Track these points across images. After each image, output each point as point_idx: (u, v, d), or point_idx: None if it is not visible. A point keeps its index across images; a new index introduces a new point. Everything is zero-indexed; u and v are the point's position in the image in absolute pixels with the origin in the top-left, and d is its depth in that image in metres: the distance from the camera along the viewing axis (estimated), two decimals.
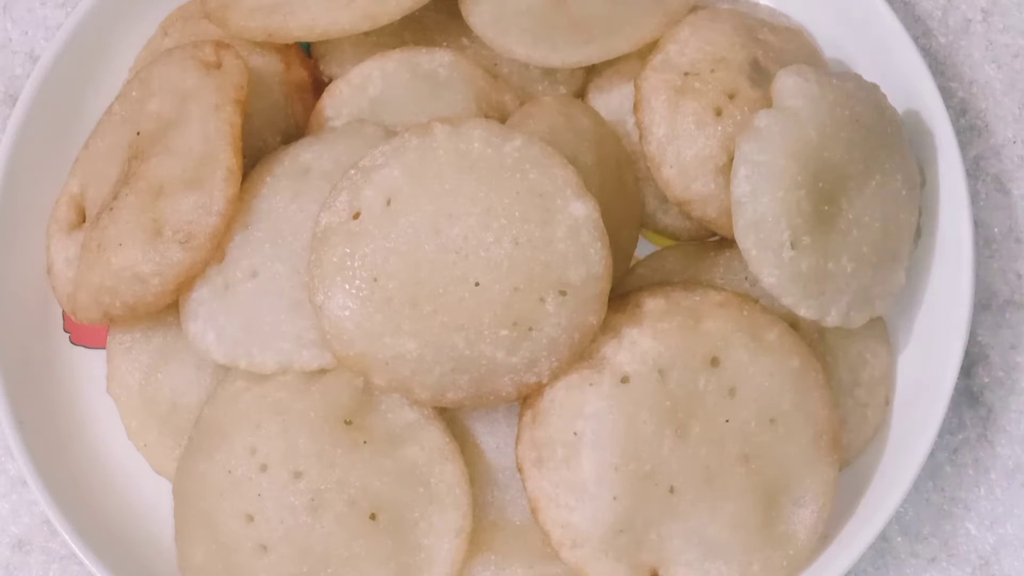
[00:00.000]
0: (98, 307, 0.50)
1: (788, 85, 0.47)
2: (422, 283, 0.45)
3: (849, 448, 0.51)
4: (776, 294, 0.47)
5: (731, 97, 0.49)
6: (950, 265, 0.51)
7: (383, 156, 0.46)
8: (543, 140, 0.46)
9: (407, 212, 0.46)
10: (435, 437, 0.48)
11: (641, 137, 0.50)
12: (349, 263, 0.46)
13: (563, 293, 0.45)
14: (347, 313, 0.45)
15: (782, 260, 0.47)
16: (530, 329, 0.45)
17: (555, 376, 0.46)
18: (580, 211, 0.45)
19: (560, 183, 0.46)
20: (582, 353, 0.46)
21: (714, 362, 0.47)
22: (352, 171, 0.47)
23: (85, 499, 0.52)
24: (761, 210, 0.46)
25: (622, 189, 0.51)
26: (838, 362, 0.51)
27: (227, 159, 0.48)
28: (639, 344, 0.46)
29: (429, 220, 0.45)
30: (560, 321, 0.45)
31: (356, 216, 0.46)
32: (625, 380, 0.46)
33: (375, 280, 0.45)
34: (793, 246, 0.47)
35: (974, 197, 0.57)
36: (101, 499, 0.53)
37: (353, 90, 0.52)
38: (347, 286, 0.45)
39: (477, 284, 0.45)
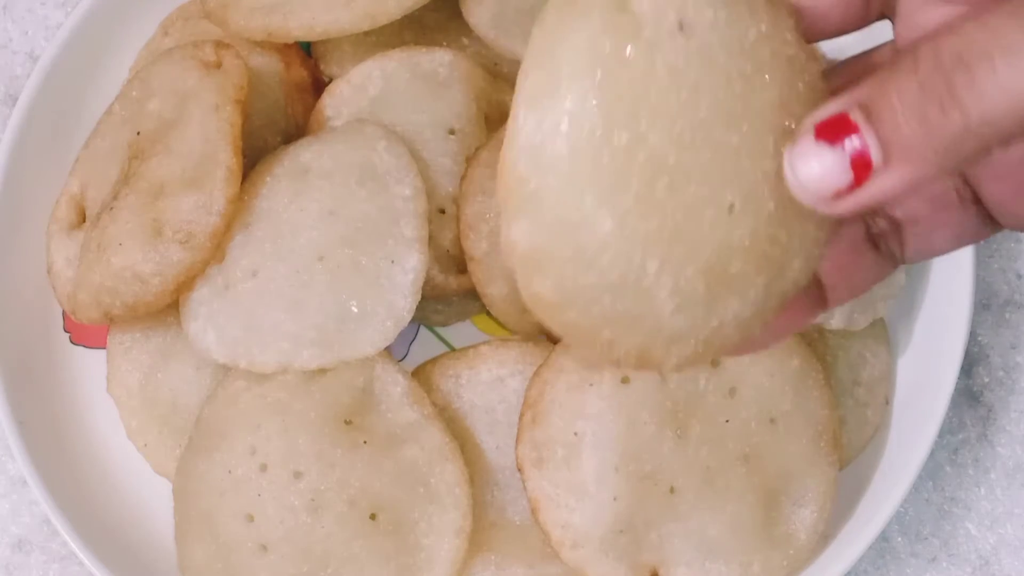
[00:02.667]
0: (98, 307, 0.50)
1: None
2: (674, 163, 0.30)
3: (849, 448, 0.51)
4: None
5: None
6: (950, 265, 0.51)
7: None
8: None
9: (700, 63, 0.30)
10: (435, 437, 0.48)
11: None
12: (611, 65, 0.30)
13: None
14: (560, 131, 0.30)
15: None
16: (716, 299, 0.31)
17: (676, 370, 0.33)
18: None
19: None
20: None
21: (714, 362, 0.47)
22: None
23: (85, 499, 0.52)
24: None
25: None
26: (838, 362, 0.51)
27: (227, 159, 0.48)
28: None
29: (723, 83, 0.30)
30: (743, 311, 0.32)
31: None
32: (625, 381, 0.46)
33: (632, 116, 0.30)
34: None
35: None
36: (101, 499, 0.53)
37: (353, 90, 0.52)
38: (587, 94, 0.30)
39: (731, 209, 0.30)
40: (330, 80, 0.54)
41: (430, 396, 0.49)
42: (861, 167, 0.28)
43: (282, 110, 0.54)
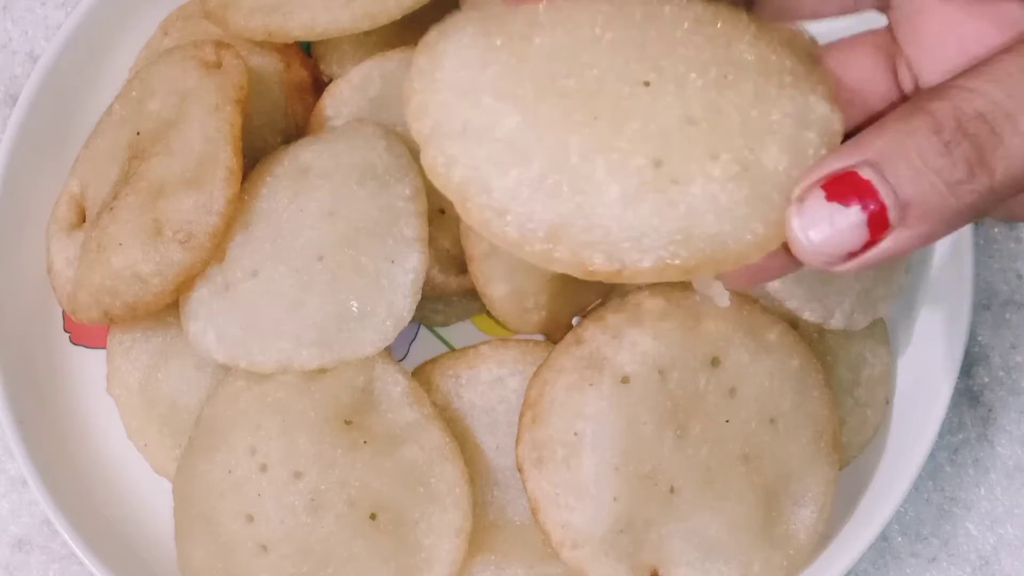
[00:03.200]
0: (98, 307, 0.50)
1: None
2: (576, 56, 0.30)
3: (849, 448, 0.51)
4: (780, 297, 0.47)
5: None
6: (950, 265, 0.51)
7: None
8: None
9: None
10: (435, 437, 0.48)
11: None
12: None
13: (745, 168, 0.30)
14: (452, 54, 0.31)
15: None
16: (672, 181, 0.30)
17: (660, 277, 0.30)
18: None
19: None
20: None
21: (714, 362, 0.47)
22: None
23: (85, 499, 0.52)
24: None
25: None
26: (838, 362, 0.51)
27: (227, 159, 0.48)
28: (639, 344, 0.46)
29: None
30: (718, 195, 0.30)
31: None
32: (625, 380, 0.46)
33: (523, 36, 0.31)
34: None
35: None
36: (101, 499, 0.53)
37: (353, 90, 0.52)
38: (478, 30, 0.31)
39: (646, 84, 0.30)
40: (330, 80, 0.54)
41: (430, 396, 0.49)
42: (877, 228, 0.27)
43: (282, 110, 0.54)
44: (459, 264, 0.51)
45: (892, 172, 0.27)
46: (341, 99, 0.52)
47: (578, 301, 0.51)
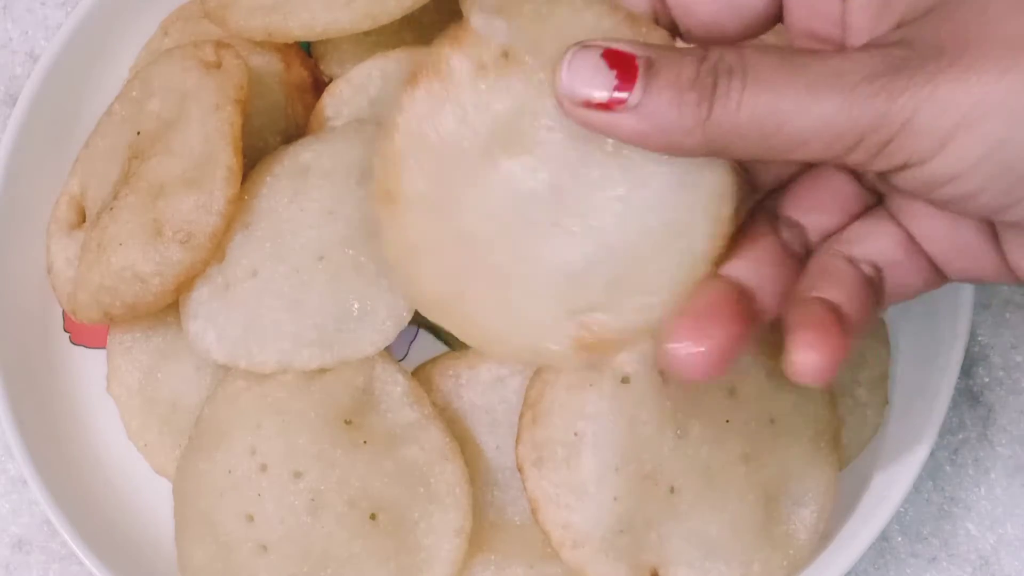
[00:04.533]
0: (98, 307, 0.50)
1: None
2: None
3: (849, 448, 0.51)
4: None
5: None
6: None
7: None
8: None
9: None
10: (435, 437, 0.48)
11: None
12: None
13: None
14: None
15: None
16: None
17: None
18: None
19: None
20: None
21: None
22: None
23: (85, 499, 0.52)
24: None
25: None
26: None
27: (227, 159, 0.48)
28: (639, 344, 0.46)
29: None
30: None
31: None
32: (625, 380, 0.46)
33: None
34: None
35: None
36: (101, 499, 0.53)
37: (353, 90, 0.52)
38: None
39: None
40: (330, 80, 0.54)
41: (430, 396, 0.49)
42: (617, 98, 0.32)
43: (282, 110, 0.54)
44: None
45: (655, 72, 0.32)
46: (341, 99, 0.52)
47: None
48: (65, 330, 0.56)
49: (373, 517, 0.47)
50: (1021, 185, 0.31)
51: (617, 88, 0.32)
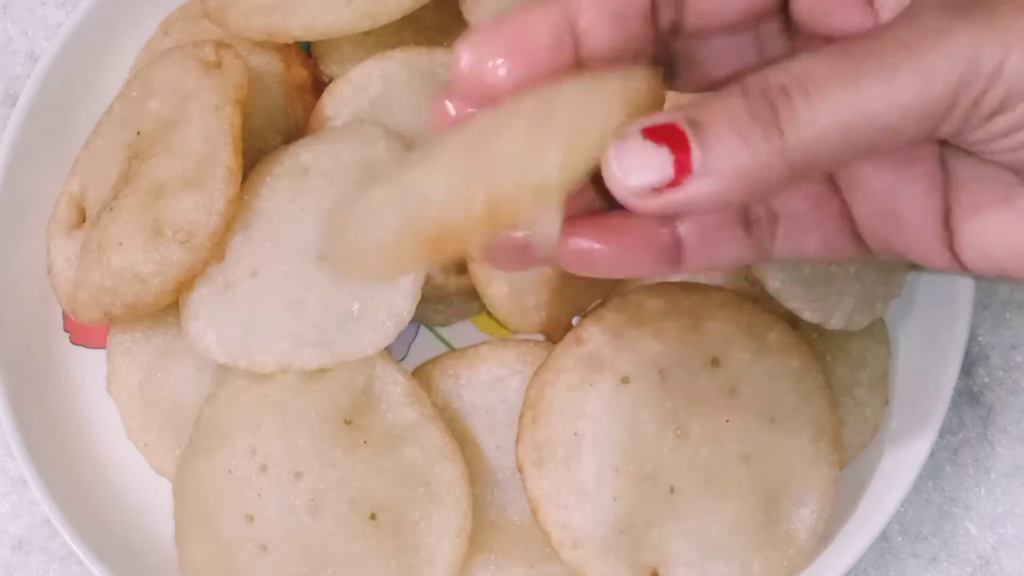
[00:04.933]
0: (98, 307, 0.50)
1: None
2: None
3: (849, 448, 0.51)
4: (780, 298, 0.47)
5: None
6: None
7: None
8: None
9: None
10: (435, 437, 0.48)
11: None
12: None
13: None
14: None
15: (785, 264, 0.47)
16: None
17: None
18: None
19: None
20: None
21: (714, 362, 0.47)
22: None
23: (85, 499, 0.52)
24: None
25: None
26: (838, 362, 0.51)
27: (227, 159, 0.48)
28: (639, 344, 0.46)
29: None
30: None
31: None
32: (625, 380, 0.46)
33: None
34: None
35: None
36: (101, 499, 0.53)
37: (353, 90, 0.52)
38: None
39: None
40: (330, 80, 0.54)
41: (430, 396, 0.49)
42: (681, 169, 0.30)
43: (282, 110, 0.54)
44: (459, 264, 0.51)
45: (703, 126, 0.30)
46: (341, 99, 0.52)
47: (578, 301, 0.51)
48: (65, 330, 0.56)
49: (373, 517, 0.47)
50: None
51: (676, 163, 0.30)
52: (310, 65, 0.55)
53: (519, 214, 0.29)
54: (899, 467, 0.50)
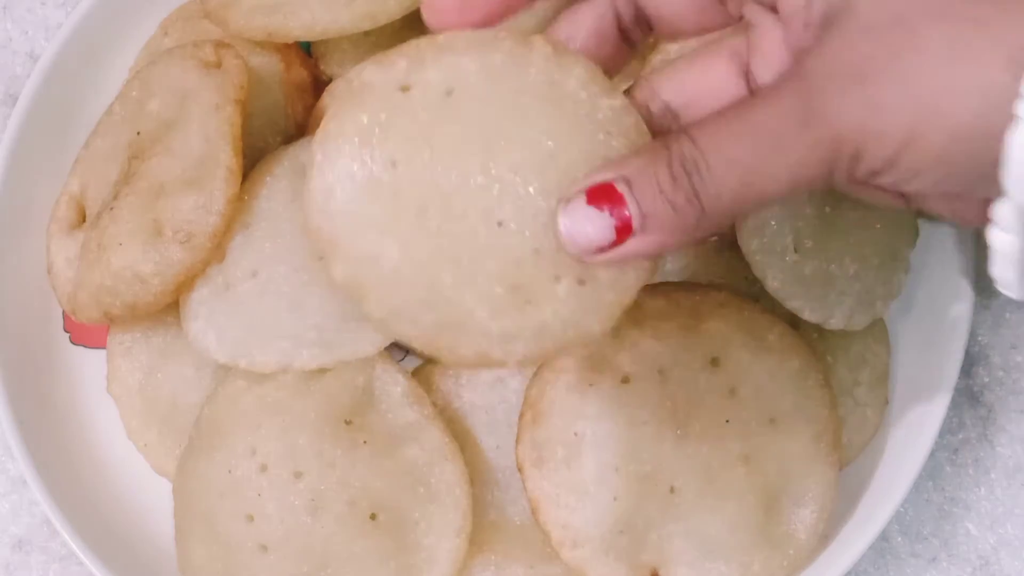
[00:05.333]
0: (98, 307, 0.50)
1: None
2: (441, 195, 0.37)
3: (849, 448, 0.51)
4: (780, 298, 0.47)
5: None
6: (950, 265, 0.51)
7: (466, 43, 0.38)
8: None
9: (465, 113, 0.38)
10: (435, 437, 0.48)
11: None
12: (373, 130, 0.38)
13: (582, 283, 0.38)
14: (341, 188, 0.38)
15: (786, 264, 0.47)
16: (527, 302, 0.38)
17: (521, 366, 0.40)
18: None
19: None
20: (559, 356, 0.42)
21: (714, 362, 0.47)
22: (426, 40, 0.39)
23: (85, 499, 0.52)
24: (764, 214, 0.46)
25: None
26: (838, 362, 0.51)
27: (227, 159, 0.48)
28: (639, 344, 0.46)
29: (485, 132, 0.38)
30: (562, 311, 0.38)
31: (405, 89, 0.38)
32: (625, 380, 0.46)
33: (393, 165, 0.37)
34: (796, 249, 0.47)
35: None
36: (101, 499, 0.53)
37: None
38: (357, 156, 0.38)
39: (499, 225, 0.37)
40: (330, 80, 0.54)
41: (430, 396, 0.49)
42: (623, 231, 0.35)
43: (282, 110, 0.54)
44: None
45: (639, 190, 0.35)
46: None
47: None
48: (65, 330, 0.56)
49: (373, 517, 0.47)
50: (978, 170, 0.33)
51: (618, 227, 0.35)
52: (310, 65, 0.55)
53: None
54: (899, 467, 0.50)
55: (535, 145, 0.38)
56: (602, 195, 0.35)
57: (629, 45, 0.41)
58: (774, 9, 0.39)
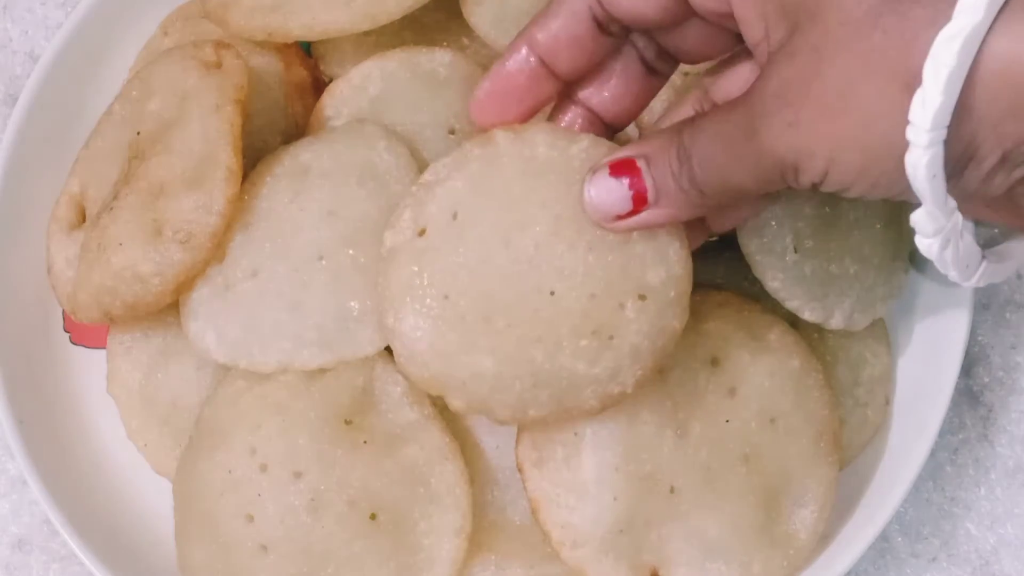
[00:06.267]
0: (98, 307, 0.50)
1: None
2: (494, 297, 0.43)
3: (849, 448, 0.51)
4: (780, 298, 0.47)
5: None
6: None
7: (445, 169, 0.44)
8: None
9: (474, 224, 0.43)
10: (435, 437, 0.48)
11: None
12: (418, 282, 0.44)
13: (643, 297, 0.43)
14: (420, 334, 0.43)
15: (786, 264, 0.47)
16: (611, 337, 0.43)
17: (640, 385, 0.44)
18: None
19: None
20: (666, 357, 0.44)
21: (714, 362, 0.47)
22: (414, 188, 0.45)
23: (85, 499, 0.52)
24: (764, 214, 0.46)
25: None
26: (838, 362, 0.51)
27: (227, 159, 0.48)
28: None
29: (498, 230, 0.43)
30: (642, 327, 0.43)
31: (422, 233, 0.44)
32: None
33: (446, 297, 0.43)
34: (796, 249, 0.47)
35: None
36: (101, 499, 0.53)
37: (353, 90, 0.52)
38: (418, 306, 0.43)
39: (552, 293, 0.43)
40: (330, 80, 0.54)
41: (430, 396, 0.49)
42: (639, 201, 0.41)
43: (282, 110, 0.54)
44: None
45: (655, 167, 0.41)
46: (341, 99, 0.52)
47: None
48: (65, 330, 0.56)
49: (373, 517, 0.47)
50: (899, 183, 0.36)
51: (635, 198, 0.41)
52: (310, 65, 0.55)
53: None
54: (899, 467, 0.50)
55: (540, 217, 0.43)
56: (624, 168, 0.41)
57: (657, 78, 0.45)
58: None
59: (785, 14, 0.37)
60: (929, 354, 0.51)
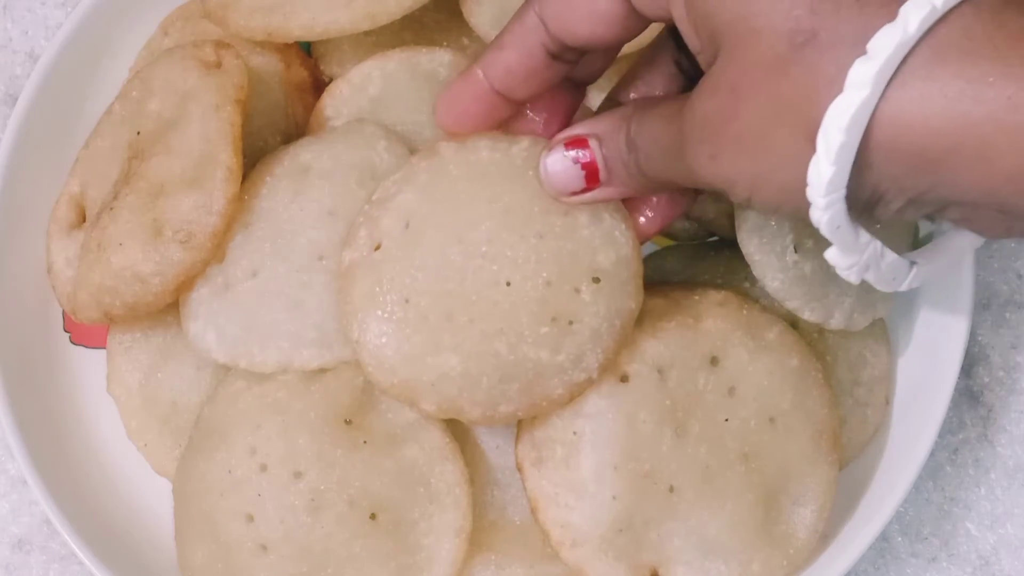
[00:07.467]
0: (98, 307, 0.50)
1: None
2: (454, 293, 0.44)
3: (849, 448, 0.51)
4: (780, 298, 0.47)
5: None
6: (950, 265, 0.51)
7: (395, 185, 0.46)
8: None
9: (427, 230, 0.45)
10: (435, 437, 0.48)
11: None
12: (378, 290, 0.45)
13: (596, 280, 0.44)
14: (384, 340, 0.45)
15: (786, 264, 0.47)
16: (570, 323, 0.44)
17: (604, 370, 0.45)
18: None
19: None
20: (626, 341, 0.46)
21: (714, 361, 0.47)
22: (367, 206, 0.46)
23: (85, 499, 0.52)
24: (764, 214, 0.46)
25: None
26: (838, 362, 0.51)
27: (227, 159, 0.48)
28: (638, 343, 0.46)
29: (450, 232, 0.45)
30: (599, 310, 0.44)
31: (378, 248, 0.45)
32: (624, 379, 0.46)
33: (407, 301, 0.44)
34: (796, 250, 0.47)
35: None
36: (101, 499, 0.53)
37: (353, 90, 0.52)
38: (380, 312, 0.45)
39: (508, 284, 0.44)
40: (330, 80, 0.54)
41: None
42: (592, 179, 0.44)
43: (282, 110, 0.54)
44: None
45: (605, 148, 0.43)
46: (341, 99, 0.52)
47: None
48: (65, 330, 0.56)
49: (373, 517, 0.47)
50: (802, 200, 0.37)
51: (587, 178, 0.43)
52: (310, 65, 0.55)
53: None
54: (899, 467, 0.50)
55: (489, 212, 0.45)
56: (577, 145, 0.43)
57: (568, 66, 0.44)
58: None
59: (712, 39, 0.38)
60: (929, 354, 0.51)
